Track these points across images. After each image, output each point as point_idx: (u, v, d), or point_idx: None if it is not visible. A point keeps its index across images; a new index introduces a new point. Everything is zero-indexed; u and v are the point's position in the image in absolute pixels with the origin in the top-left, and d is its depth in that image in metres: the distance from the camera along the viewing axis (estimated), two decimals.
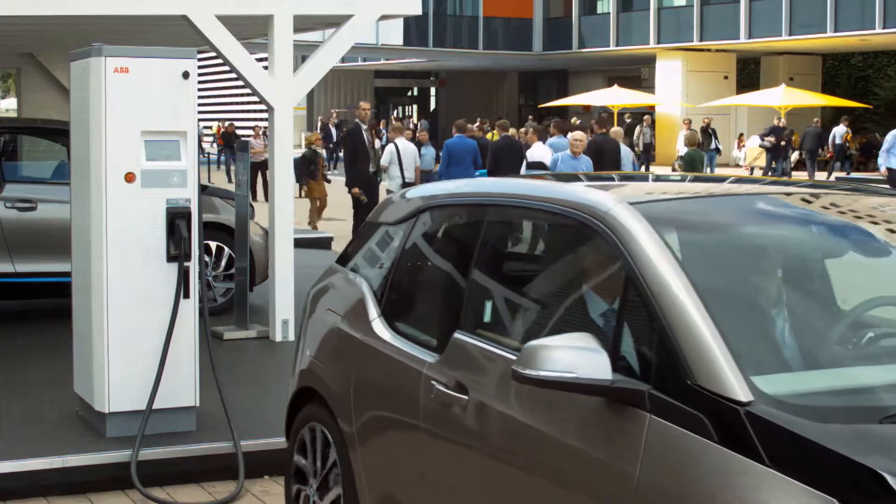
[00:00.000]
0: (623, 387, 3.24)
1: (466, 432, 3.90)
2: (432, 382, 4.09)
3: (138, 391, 6.38)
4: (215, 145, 40.31)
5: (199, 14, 8.75)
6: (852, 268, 4.02)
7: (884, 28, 34.91)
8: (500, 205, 4.39)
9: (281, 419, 5.38)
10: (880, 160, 19.39)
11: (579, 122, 35.93)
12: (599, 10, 45.89)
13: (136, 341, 6.42)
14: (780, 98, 35.83)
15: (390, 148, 16.40)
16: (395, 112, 59.92)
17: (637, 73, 47.38)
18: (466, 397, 3.90)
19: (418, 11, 10.08)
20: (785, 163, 33.12)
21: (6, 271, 9.82)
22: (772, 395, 3.03)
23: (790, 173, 33.02)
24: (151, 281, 6.44)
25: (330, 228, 18.69)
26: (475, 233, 4.37)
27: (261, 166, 25.16)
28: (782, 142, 32.70)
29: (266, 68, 9.24)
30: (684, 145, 18.62)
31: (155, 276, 6.44)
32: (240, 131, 38.80)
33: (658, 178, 6.35)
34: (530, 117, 39.98)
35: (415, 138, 22.16)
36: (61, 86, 14.16)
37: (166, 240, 6.43)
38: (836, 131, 33.59)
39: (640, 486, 3.13)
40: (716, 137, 33.87)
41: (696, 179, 5.51)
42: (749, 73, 45.05)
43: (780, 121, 33.61)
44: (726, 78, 42.88)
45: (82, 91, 6.59)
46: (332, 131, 42.51)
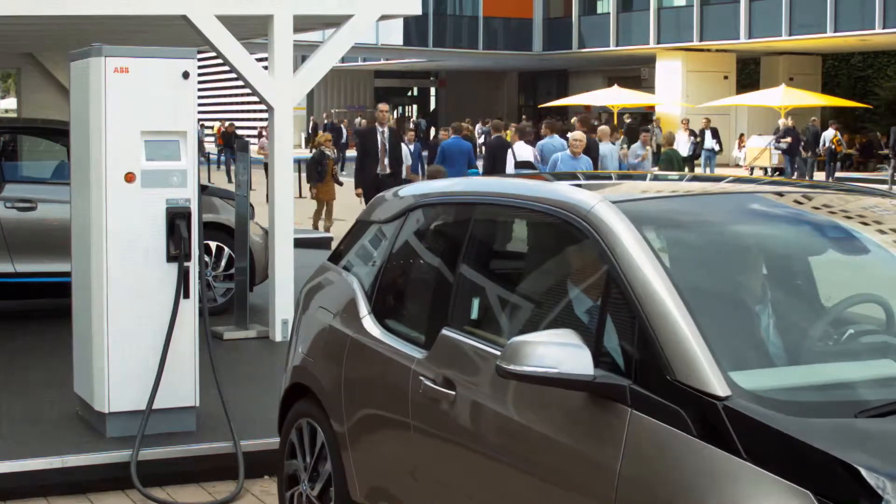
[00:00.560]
0: (604, 382, 3.30)
1: (454, 427, 3.95)
2: (420, 378, 4.14)
3: (138, 391, 6.39)
4: (215, 145, 40.28)
5: (199, 14, 8.76)
6: (838, 266, 4.06)
7: (884, 28, 34.90)
8: (488, 203, 4.44)
9: None
10: None
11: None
12: (599, 10, 45.88)
13: (136, 341, 6.43)
14: (780, 98, 35.79)
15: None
16: (396, 112, 59.93)
17: (637, 73, 47.38)
18: (454, 393, 3.95)
19: (418, 11, 10.09)
20: (803, 164, 32.48)
21: (6, 271, 9.83)
22: (750, 390, 3.08)
23: (812, 175, 32.33)
24: (151, 281, 6.45)
25: (332, 229, 18.68)
26: (463, 231, 4.42)
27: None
28: (801, 143, 32.27)
29: (266, 68, 9.24)
30: (662, 145, 18.60)
31: (155, 276, 6.45)
32: (240, 131, 38.76)
33: (656, 177, 6.35)
34: (523, 117, 39.98)
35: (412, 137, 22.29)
36: (61, 86, 14.16)
37: (166, 240, 6.44)
38: (825, 135, 33.44)
39: (621, 479, 3.19)
40: (716, 137, 33.77)
41: (692, 179, 5.51)
42: (749, 73, 45.04)
43: (790, 121, 33.20)
44: (726, 78, 42.86)
45: (82, 91, 6.59)
46: (343, 132, 42.51)
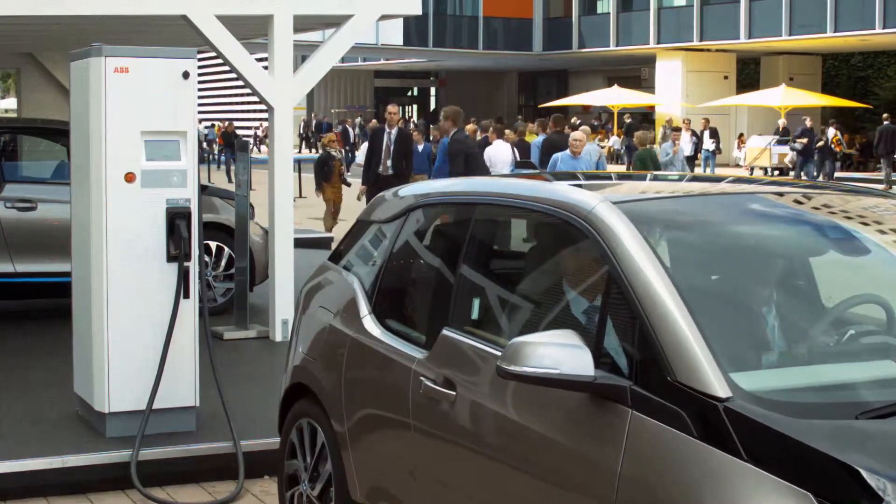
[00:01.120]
0: (605, 383, 3.29)
1: (454, 428, 3.95)
2: (421, 378, 4.14)
3: (138, 391, 6.39)
4: (216, 145, 40.29)
5: (199, 14, 8.76)
6: (839, 266, 4.06)
7: (884, 28, 34.90)
8: (489, 203, 4.44)
9: None
10: None
11: (579, 122, 35.95)
12: (599, 10, 45.89)
13: (136, 341, 6.43)
14: (780, 98, 35.81)
15: (365, 147, 17.77)
16: None
17: (637, 73, 47.38)
18: (454, 393, 3.95)
19: (418, 11, 10.09)
20: (823, 165, 32.00)
21: (6, 271, 9.83)
22: (750, 391, 3.08)
23: (832, 175, 31.80)
24: (151, 281, 6.44)
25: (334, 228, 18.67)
26: (464, 231, 4.42)
27: None
28: (819, 143, 31.93)
29: (266, 68, 9.24)
30: (636, 145, 18.54)
31: (155, 276, 6.45)
32: (239, 131, 38.71)
33: (655, 177, 6.35)
34: (519, 117, 39.96)
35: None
36: (61, 86, 14.17)
37: (166, 240, 6.44)
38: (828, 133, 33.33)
39: (621, 480, 3.18)
40: (715, 137, 33.75)
41: (692, 180, 5.51)
42: (749, 73, 45.05)
43: (809, 121, 32.83)
44: (726, 78, 42.87)
45: (82, 91, 6.59)
46: (350, 132, 42.47)
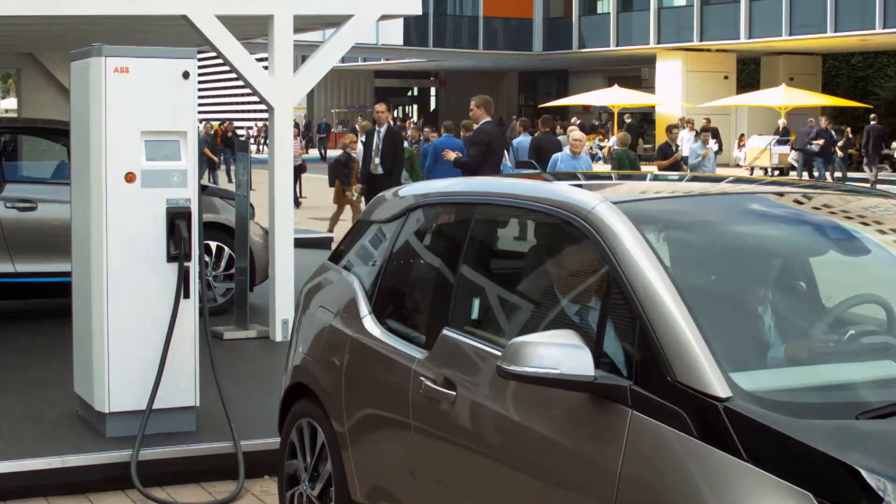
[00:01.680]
0: (605, 383, 3.29)
1: (454, 428, 3.95)
2: (421, 378, 4.14)
3: (138, 391, 6.39)
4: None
5: (199, 14, 8.76)
6: (839, 266, 4.06)
7: (884, 28, 34.91)
8: (489, 203, 4.44)
9: None
10: None
11: (579, 122, 35.96)
12: (599, 10, 45.90)
13: (136, 341, 6.43)
14: (780, 98, 35.82)
15: (358, 147, 18.40)
16: (395, 112, 59.93)
17: (637, 73, 47.38)
18: (454, 393, 3.95)
19: (418, 11, 10.09)
20: (841, 164, 31.65)
21: (6, 271, 9.83)
22: (750, 391, 3.08)
23: (845, 177, 31.44)
24: (151, 281, 6.44)
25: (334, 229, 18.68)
26: (464, 231, 4.42)
27: (297, 170, 24.51)
28: (838, 144, 31.62)
29: (266, 68, 9.24)
30: (616, 145, 18.55)
31: (155, 276, 6.45)
32: (240, 131, 38.69)
33: (655, 177, 6.35)
34: (513, 117, 39.96)
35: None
36: (61, 86, 14.17)
37: (166, 240, 6.44)
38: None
39: (621, 480, 3.18)
40: (716, 137, 33.75)
41: (692, 179, 5.52)
42: (749, 73, 45.05)
43: (826, 122, 32.48)
44: (726, 78, 42.88)
45: (82, 91, 6.59)
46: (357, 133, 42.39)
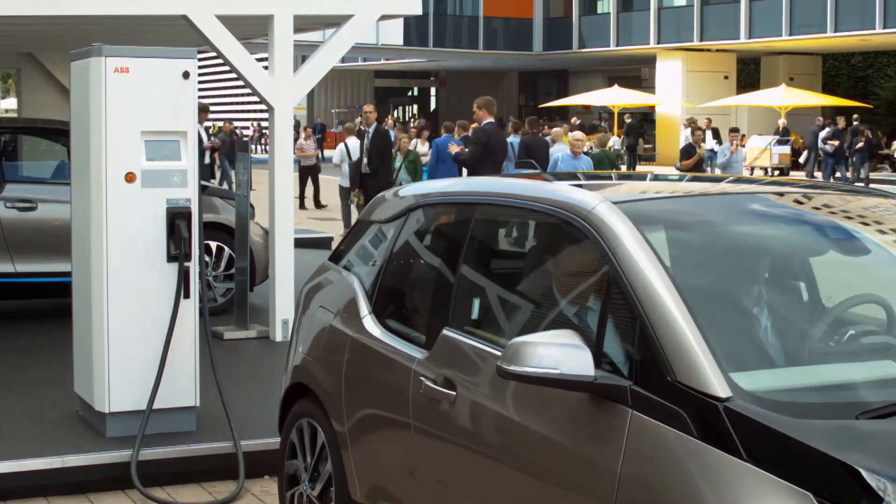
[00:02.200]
0: (605, 383, 3.29)
1: (454, 428, 3.95)
2: (421, 378, 4.14)
3: (138, 391, 6.39)
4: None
5: (199, 14, 8.76)
6: (839, 266, 4.06)
7: (884, 28, 34.91)
8: (489, 203, 4.44)
9: None
10: None
11: (579, 122, 35.94)
12: (599, 10, 45.90)
13: (136, 341, 6.43)
14: (780, 98, 35.81)
15: (341, 147, 19.09)
16: (396, 112, 59.92)
17: (637, 73, 47.38)
18: (454, 393, 3.95)
19: (418, 11, 10.09)
20: (863, 165, 31.20)
21: (6, 271, 9.83)
22: (750, 391, 3.08)
23: (867, 177, 31.04)
24: (151, 281, 6.45)
25: (332, 228, 18.70)
26: (464, 231, 4.41)
27: (311, 171, 24.31)
28: (858, 145, 31.42)
29: (266, 68, 9.24)
30: (595, 147, 18.53)
31: (155, 276, 6.45)
32: (246, 131, 38.65)
33: (656, 178, 6.34)
34: (510, 117, 39.93)
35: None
36: (61, 86, 14.17)
37: (166, 240, 6.44)
38: (822, 135, 32.78)
39: (621, 480, 3.18)
40: (717, 137, 33.72)
41: (692, 179, 5.51)
42: (749, 73, 45.05)
43: (843, 122, 32.20)
44: (726, 78, 42.88)
45: (82, 91, 6.59)
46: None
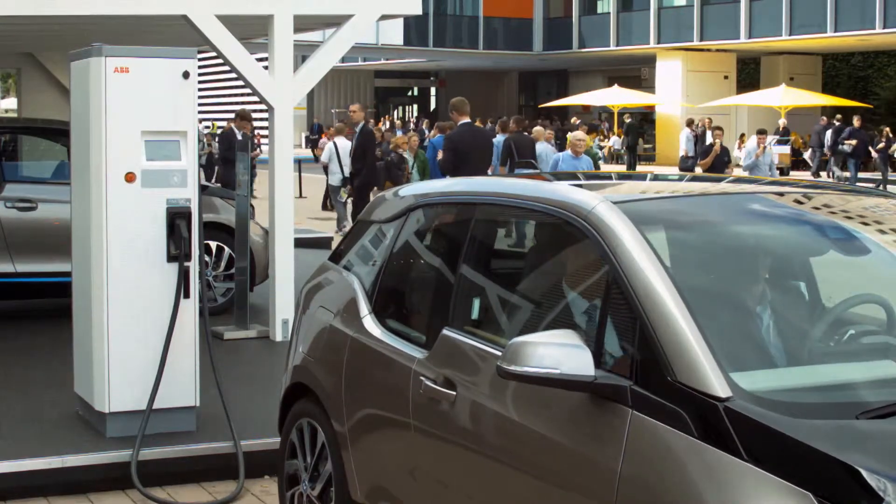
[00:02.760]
0: (605, 383, 3.29)
1: (454, 427, 3.95)
2: (421, 378, 4.14)
3: (138, 391, 6.39)
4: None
5: (199, 14, 8.76)
6: (839, 266, 4.06)
7: (884, 28, 34.91)
8: (489, 203, 4.44)
9: None
10: None
11: (579, 122, 35.95)
12: (599, 10, 45.90)
13: (136, 341, 6.43)
14: (780, 98, 35.83)
15: (329, 146, 19.38)
16: (396, 112, 59.92)
17: (637, 73, 47.39)
18: (454, 393, 3.95)
19: (418, 11, 10.09)
20: (883, 164, 30.72)
21: (6, 271, 9.83)
22: (751, 391, 3.08)
23: (885, 178, 30.31)
24: (151, 281, 6.44)
25: (332, 228, 18.70)
26: (464, 231, 4.41)
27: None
28: (880, 145, 31.17)
29: (266, 68, 9.24)
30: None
31: (155, 276, 6.45)
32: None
33: (656, 177, 6.34)
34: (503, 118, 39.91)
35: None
36: (61, 86, 14.17)
37: (166, 240, 6.44)
38: (827, 135, 32.54)
39: (621, 480, 3.18)
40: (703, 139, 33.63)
41: (692, 179, 5.51)
42: (749, 73, 45.06)
43: (859, 122, 31.63)
44: (726, 78, 42.88)
45: (82, 91, 6.59)
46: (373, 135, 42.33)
